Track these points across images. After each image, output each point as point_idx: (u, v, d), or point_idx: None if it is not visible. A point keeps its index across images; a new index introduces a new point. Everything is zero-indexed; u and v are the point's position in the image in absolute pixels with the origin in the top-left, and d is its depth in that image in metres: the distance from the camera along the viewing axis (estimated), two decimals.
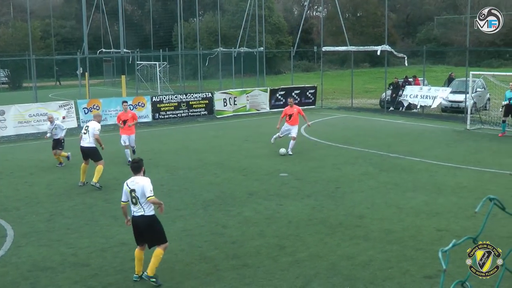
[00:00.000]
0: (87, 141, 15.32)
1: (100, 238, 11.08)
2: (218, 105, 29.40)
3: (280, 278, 9.08)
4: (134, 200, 8.95)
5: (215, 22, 52.66)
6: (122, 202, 9.30)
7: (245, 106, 30.26)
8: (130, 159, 16.54)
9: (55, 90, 48.13)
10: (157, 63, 44.44)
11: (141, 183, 8.96)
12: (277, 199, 13.70)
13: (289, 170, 16.85)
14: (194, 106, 28.91)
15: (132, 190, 8.95)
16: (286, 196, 13.96)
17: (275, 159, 18.59)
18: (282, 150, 19.03)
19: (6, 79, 53.35)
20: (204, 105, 29.21)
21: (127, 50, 44.08)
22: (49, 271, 9.54)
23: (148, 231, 9.01)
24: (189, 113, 28.78)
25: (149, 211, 8.98)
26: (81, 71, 34.28)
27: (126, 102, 19.15)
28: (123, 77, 31.66)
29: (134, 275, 9.14)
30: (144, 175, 9.29)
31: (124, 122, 17.89)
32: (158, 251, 9.03)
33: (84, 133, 15.47)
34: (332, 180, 15.52)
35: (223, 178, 16.02)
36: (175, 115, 28.40)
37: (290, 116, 19.38)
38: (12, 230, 11.77)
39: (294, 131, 19.31)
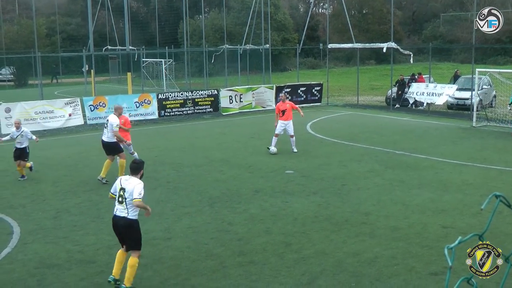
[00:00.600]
0: (106, 135, 15.25)
1: (106, 235, 11.08)
2: (224, 102, 29.42)
3: (286, 275, 9.10)
4: (120, 198, 8.65)
5: (221, 19, 52.65)
6: (110, 193, 8.96)
7: (251, 103, 30.27)
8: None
9: (60, 87, 48.25)
10: (162, 60, 44.48)
11: (133, 184, 8.64)
12: (283, 196, 13.71)
13: (295, 167, 16.86)
14: (200, 103, 28.94)
15: (122, 189, 8.65)
16: (292, 193, 13.97)
17: (281, 156, 18.59)
18: (273, 149, 19.02)
19: (12, 76, 53.51)
20: (210, 102, 29.24)
21: (132, 47, 44.14)
22: (55, 268, 9.58)
23: (127, 234, 8.70)
24: (195, 110, 28.81)
25: (133, 215, 8.63)
26: (87, 69, 34.39)
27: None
28: (129, 74, 31.72)
29: (110, 276, 8.80)
30: (141, 178, 8.92)
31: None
32: (132, 260, 8.62)
33: (105, 127, 15.40)
34: (338, 177, 15.52)
35: (229, 175, 16.05)
36: (181, 112, 28.43)
37: (284, 111, 19.21)
38: (18, 227, 11.82)
39: (290, 129, 19.17)
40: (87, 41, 40.50)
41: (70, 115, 25.18)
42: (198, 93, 29.39)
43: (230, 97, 29.55)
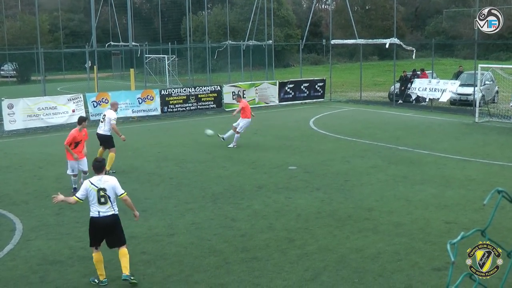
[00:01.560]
0: (102, 128, 16.01)
1: None
2: (227, 98, 29.40)
3: (289, 270, 9.10)
4: (103, 199, 8.65)
5: (224, 15, 52.60)
6: (76, 198, 8.93)
7: (254, 99, 30.22)
8: (75, 186, 13.94)
9: (63, 83, 48.24)
10: (165, 56, 44.45)
11: (111, 182, 8.77)
12: (286, 192, 13.71)
13: (298, 163, 16.85)
14: (203, 99, 28.93)
15: (101, 189, 8.65)
16: (295, 189, 13.97)
17: (284, 152, 18.59)
18: (209, 132, 19.40)
19: (14, 72, 53.52)
20: (213, 98, 29.23)
21: (135, 43, 44.13)
22: (58, 265, 9.60)
23: (114, 230, 8.78)
24: (198, 106, 28.81)
25: (116, 209, 8.83)
26: (90, 65, 34.36)
27: (85, 120, 14.55)
28: (131, 70, 31.69)
29: (103, 280, 8.79)
30: (105, 174, 9.00)
31: (77, 144, 14.12)
32: (124, 250, 8.78)
33: (101, 121, 16.15)
34: (341, 173, 15.51)
35: (232, 171, 16.05)
36: (184, 108, 28.42)
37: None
38: (21, 223, 11.84)
39: (239, 125, 19.82)
40: (90, 37, 40.54)
41: (73, 111, 25.14)
42: (201, 89, 29.39)
43: (233, 93, 29.52)
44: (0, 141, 22.21)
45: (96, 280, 8.83)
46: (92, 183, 8.77)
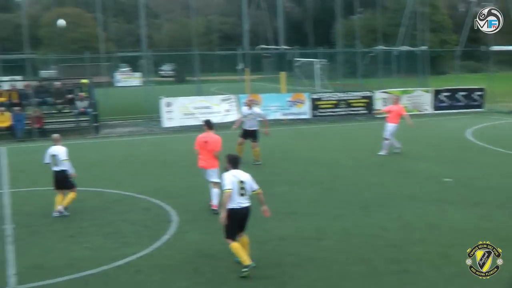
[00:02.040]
0: (247, 125, 17.85)
1: (257, 231, 11.04)
2: (378, 105, 28.83)
3: None
4: (243, 191, 9.12)
5: (375, 20, 51.72)
6: (227, 190, 9.00)
7: (407, 106, 29.29)
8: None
9: (215, 84, 50.03)
10: (316, 60, 44.55)
11: (248, 177, 9.27)
12: (440, 205, 13.02)
13: (453, 175, 15.94)
14: (353, 104, 28.65)
15: (242, 181, 9.12)
16: (450, 203, 13.22)
17: (438, 162, 17.76)
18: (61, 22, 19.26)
19: (173, 72, 56.49)
20: (364, 104, 28.84)
21: (286, 47, 44.67)
22: (210, 258, 9.85)
23: (247, 221, 9.32)
24: (348, 112, 28.54)
25: (249, 202, 9.25)
26: (241, 67, 35.37)
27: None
28: (282, 73, 32.08)
29: (249, 264, 8.98)
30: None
31: None
32: (246, 239, 9.41)
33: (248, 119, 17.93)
34: (503, 189, 14.42)
35: (383, 179, 15.60)
36: (334, 113, 28.28)
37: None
38: (177, 216, 12.35)
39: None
40: (242, 40, 41.69)
41: (226, 111, 25.94)
42: (351, 94, 29.10)
43: (384, 100, 28.89)
44: (158, 137, 23.52)
45: (245, 270, 8.94)
46: (234, 175, 9.19)
